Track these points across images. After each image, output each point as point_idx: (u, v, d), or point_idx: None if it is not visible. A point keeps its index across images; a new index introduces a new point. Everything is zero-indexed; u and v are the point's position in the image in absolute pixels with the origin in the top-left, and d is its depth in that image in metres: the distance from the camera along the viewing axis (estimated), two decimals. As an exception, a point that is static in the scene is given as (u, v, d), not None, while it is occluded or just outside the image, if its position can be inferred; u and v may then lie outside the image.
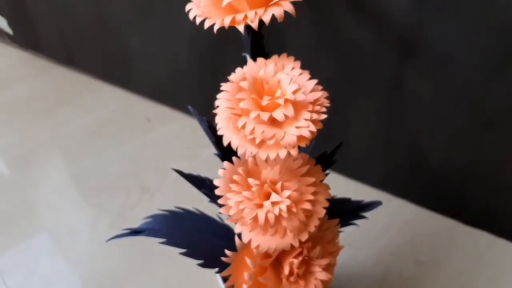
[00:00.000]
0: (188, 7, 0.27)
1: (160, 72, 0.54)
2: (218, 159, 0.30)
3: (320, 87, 0.26)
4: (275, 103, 0.24)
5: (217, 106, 0.25)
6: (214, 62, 0.49)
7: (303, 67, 0.26)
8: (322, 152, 0.30)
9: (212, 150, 0.30)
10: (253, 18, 0.25)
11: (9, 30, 0.62)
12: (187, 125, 0.57)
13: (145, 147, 0.55)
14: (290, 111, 0.24)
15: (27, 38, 0.62)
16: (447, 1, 0.34)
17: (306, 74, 0.26)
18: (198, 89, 0.53)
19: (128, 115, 0.58)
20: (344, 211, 0.32)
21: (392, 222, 0.47)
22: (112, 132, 0.56)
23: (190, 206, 0.33)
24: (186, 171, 0.32)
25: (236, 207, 0.26)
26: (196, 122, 0.32)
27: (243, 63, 0.30)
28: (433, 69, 0.38)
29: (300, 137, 0.24)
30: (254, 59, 0.30)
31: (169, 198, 0.49)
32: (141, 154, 0.54)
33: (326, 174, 0.28)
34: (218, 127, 0.26)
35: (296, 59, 0.27)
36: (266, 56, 0.31)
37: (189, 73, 0.52)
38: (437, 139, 0.42)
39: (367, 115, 0.44)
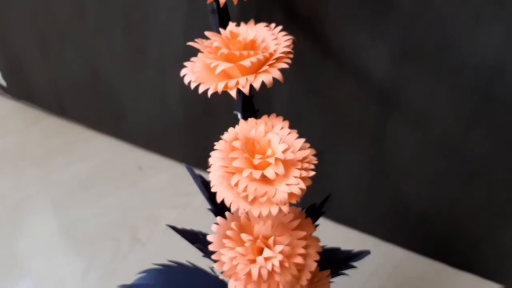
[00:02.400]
0: (182, 72, 0.29)
1: (152, 121, 0.56)
2: (208, 205, 0.31)
3: (308, 145, 0.28)
4: (266, 161, 0.26)
5: (211, 165, 0.27)
6: (205, 112, 0.51)
7: (289, 118, 0.28)
8: (311, 204, 0.32)
9: (203, 197, 0.31)
10: (244, 84, 0.26)
11: (3, 82, 0.64)
12: (178, 173, 0.58)
13: (136, 196, 0.55)
14: (280, 169, 0.25)
15: (20, 89, 0.64)
16: (424, 61, 0.37)
17: (294, 134, 0.28)
18: (190, 137, 0.55)
19: (120, 164, 0.59)
20: (334, 261, 0.33)
21: (381, 267, 0.48)
22: (103, 181, 0.57)
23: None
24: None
25: (230, 263, 0.26)
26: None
27: (233, 113, 0.32)
28: (413, 121, 0.40)
29: (291, 194, 0.25)
30: (245, 117, 0.32)
31: (160, 248, 0.50)
32: (132, 203, 0.55)
33: (316, 226, 0.30)
34: (212, 184, 0.27)
35: (282, 113, 0.29)
36: (256, 113, 0.33)
37: (181, 122, 0.54)
38: (421, 185, 0.44)
39: (353, 164, 0.46)
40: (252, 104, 0.32)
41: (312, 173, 0.26)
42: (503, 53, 0.34)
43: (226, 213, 0.28)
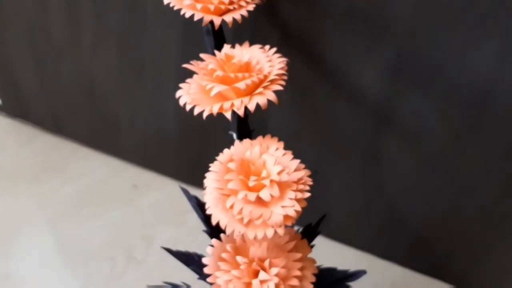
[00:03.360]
0: (178, 93, 0.29)
1: (147, 138, 0.56)
2: (203, 225, 0.30)
3: (302, 166, 0.28)
4: (261, 183, 0.26)
5: (206, 186, 0.27)
6: (200, 129, 0.51)
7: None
8: (307, 225, 0.32)
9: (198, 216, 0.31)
10: (239, 106, 0.27)
11: (-2, 100, 0.64)
12: (173, 190, 0.57)
13: (131, 214, 0.55)
14: (275, 191, 0.25)
15: (15, 107, 0.64)
16: (417, 80, 0.37)
17: (289, 155, 0.28)
18: (184, 155, 0.55)
19: (115, 182, 0.58)
20: (331, 282, 0.33)
21: (378, 285, 0.47)
22: (99, 199, 0.57)
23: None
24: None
25: (225, 286, 0.26)
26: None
27: (228, 131, 0.32)
28: (407, 139, 0.40)
29: (286, 216, 0.25)
30: (240, 138, 0.32)
31: (156, 267, 0.49)
32: (127, 222, 0.54)
33: (312, 247, 0.30)
34: (207, 206, 0.27)
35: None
36: (251, 133, 0.33)
37: (176, 139, 0.54)
38: (416, 202, 0.44)
39: (348, 182, 0.46)
40: (247, 125, 0.32)
41: (307, 194, 0.26)
42: (494, 72, 0.35)
43: (222, 235, 0.28)
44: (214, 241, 0.28)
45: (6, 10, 0.54)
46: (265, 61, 0.29)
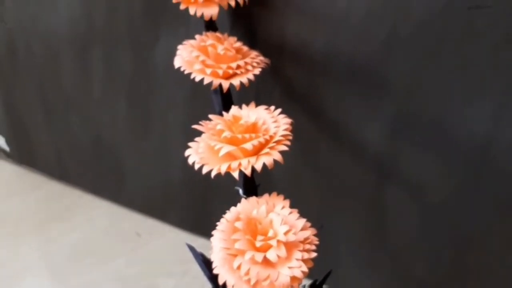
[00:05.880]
0: (187, 152, 0.30)
1: (151, 186, 0.56)
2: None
3: (309, 225, 0.28)
4: (268, 244, 0.26)
5: (213, 246, 0.27)
6: (205, 178, 0.52)
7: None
8: (313, 282, 0.32)
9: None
10: (246, 166, 0.27)
11: (6, 148, 0.65)
12: (176, 238, 0.57)
13: (134, 263, 0.55)
14: (282, 252, 0.26)
15: (23, 154, 0.64)
16: (417, 135, 0.38)
17: (295, 213, 0.28)
18: (188, 203, 0.55)
19: (118, 230, 0.58)
20: None
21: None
22: (102, 248, 0.56)
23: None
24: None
25: None
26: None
27: (233, 181, 0.32)
28: (409, 191, 0.41)
29: (293, 278, 0.25)
30: (246, 194, 0.32)
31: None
32: (130, 271, 0.54)
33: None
34: (213, 266, 0.27)
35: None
36: (256, 189, 0.33)
37: (179, 187, 0.54)
38: (421, 255, 0.44)
39: (353, 236, 0.46)
40: (254, 181, 0.33)
41: (314, 254, 0.26)
42: (492, 127, 0.36)
43: (228, 294, 0.28)
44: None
45: (18, 59, 0.56)
46: (271, 122, 0.30)
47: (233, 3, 0.34)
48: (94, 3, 0.47)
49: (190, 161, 0.29)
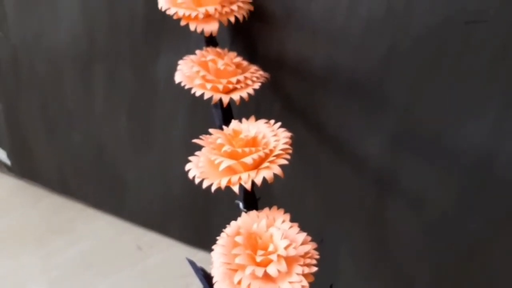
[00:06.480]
0: (187, 167, 0.30)
1: (152, 200, 0.56)
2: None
3: (309, 239, 0.28)
4: (268, 258, 0.26)
5: (213, 261, 0.27)
6: (206, 191, 0.52)
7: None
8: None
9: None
10: (246, 180, 0.27)
11: (7, 161, 0.65)
12: (177, 252, 0.57)
13: (135, 277, 0.54)
14: (283, 267, 0.26)
15: (24, 168, 0.65)
16: (417, 148, 0.38)
17: (296, 227, 0.28)
18: (189, 216, 0.55)
19: (120, 244, 0.58)
20: None
21: None
22: (103, 261, 0.56)
23: None
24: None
25: None
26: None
27: (233, 195, 0.32)
28: (410, 204, 0.41)
29: (294, 293, 0.25)
30: (246, 206, 0.32)
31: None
32: (131, 284, 0.54)
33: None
34: (214, 281, 0.27)
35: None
36: (257, 203, 0.33)
37: (181, 201, 0.54)
38: (422, 267, 0.44)
39: (354, 249, 0.46)
40: (254, 195, 0.33)
41: (315, 269, 0.26)
42: (492, 140, 0.36)
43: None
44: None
45: (21, 74, 0.56)
46: (271, 135, 0.30)
47: (233, 19, 0.35)
48: (96, 20, 0.48)
49: (190, 175, 0.29)
